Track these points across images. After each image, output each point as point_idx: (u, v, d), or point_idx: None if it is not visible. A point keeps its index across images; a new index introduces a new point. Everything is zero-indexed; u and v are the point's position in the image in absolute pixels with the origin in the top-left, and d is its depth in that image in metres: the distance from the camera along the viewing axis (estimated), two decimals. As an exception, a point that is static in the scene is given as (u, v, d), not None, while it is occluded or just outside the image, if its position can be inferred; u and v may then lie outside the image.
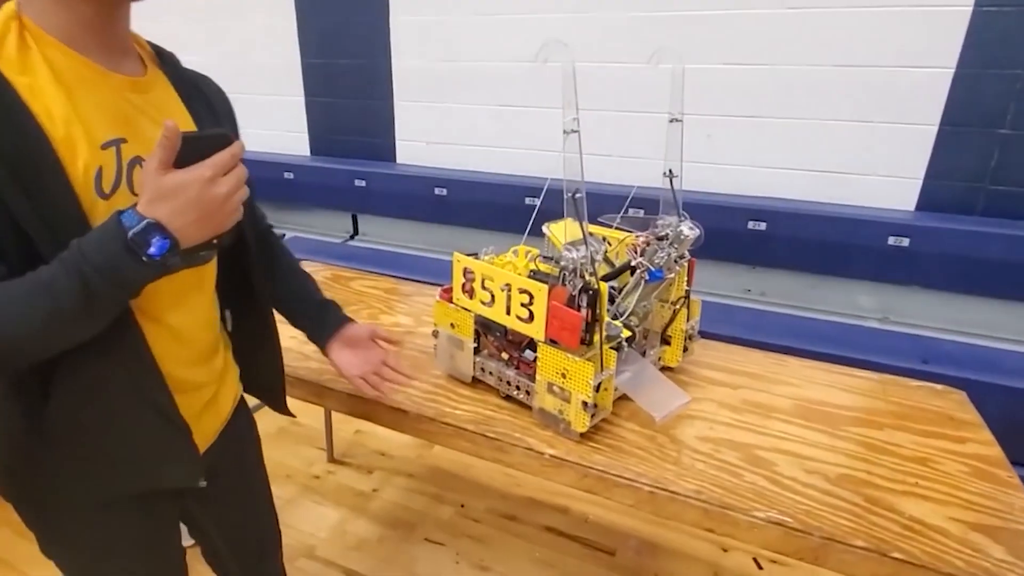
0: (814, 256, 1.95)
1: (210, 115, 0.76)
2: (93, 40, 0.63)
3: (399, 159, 2.72)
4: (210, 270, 0.77)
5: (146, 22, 0.73)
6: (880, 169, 2.01)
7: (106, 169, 0.61)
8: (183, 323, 0.72)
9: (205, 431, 0.80)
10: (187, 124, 0.72)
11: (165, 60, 0.74)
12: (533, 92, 2.39)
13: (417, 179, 2.51)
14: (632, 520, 1.74)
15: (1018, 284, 1.76)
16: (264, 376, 0.94)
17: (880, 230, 1.84)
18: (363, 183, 2.57)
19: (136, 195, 0.61)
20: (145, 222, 0.55)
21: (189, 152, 0.57)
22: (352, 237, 2.78)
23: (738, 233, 1.99)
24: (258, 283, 0.86)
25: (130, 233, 0.54)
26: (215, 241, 0.61)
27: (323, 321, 1.01)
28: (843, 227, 1.90)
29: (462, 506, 1.78)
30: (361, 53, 2.63)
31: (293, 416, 1.01)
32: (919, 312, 1.90)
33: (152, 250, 0.55)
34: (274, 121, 2.90)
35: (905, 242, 1.83)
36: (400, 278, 1.67)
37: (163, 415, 0.71)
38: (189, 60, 0.77)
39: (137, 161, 0.64)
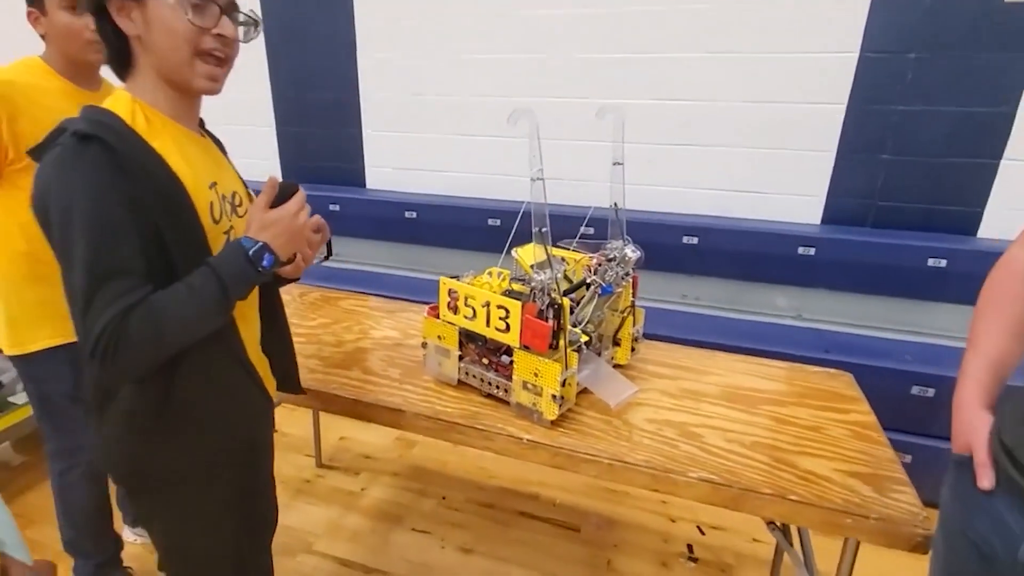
0: (738, 265, 2.26)
1: (224, 158, 1.02)
2: (185, 115, 0.88)
3: (369, 184, 2.89)
4: None
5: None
6: (790, 189, 2.35)
7: (215, 203, 0.86)
8: (251, 316, 1.00)
9: None
10: (234, 172, 1.00)
11: (202, 124, 0.98)
12: (491, 122, 2.63)
13: (388, 203, 2.69)
14: (593, 501, 1.98)
15: (903, 283, 2.11)
16: (282, 360, 1.14)
17: (791, 241, 2.16)
18: (336, 207, 2.73)
19: (230, 219, 0.89)
20: (259, 244, 0.80)
21: (278, 197, 0.84)
22: (327, 258, 2.92)
23: (675, 246, 2.28)
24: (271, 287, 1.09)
25: (250, 252, 0.79)
26: (294, 256, 0.87)
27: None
28: (761, 239, 2.21)
29: (443, 498, 1.98)
30: (330, 87, 2.81)
31: (304, 392, 1.21)
32: (826, 310, 2.23)
33: (265, 263, 0.81)
34: (247, 150, 3.02)
35: (812, 251, 2.15)
36: (377, 295, 1.86)
37: (254, 381, 0.96)
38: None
39: (225, 196, 0.90)
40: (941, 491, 0.86)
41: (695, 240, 2.27)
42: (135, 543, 1.75)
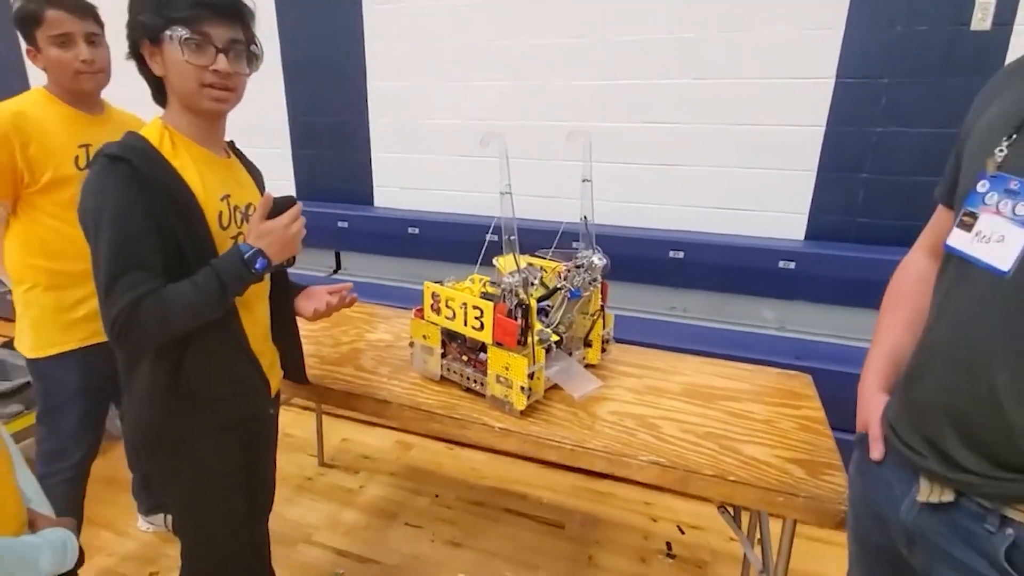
0: (722, 278, 2.36)
1: (255, 178, 1.20)
2: (207, 139, 1.06)
3: (376, 203, 3.07)
4: (267, 278, 1.16)
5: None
6: (775, 206, 2.45)
7: (223, 212, 1.03)
8: (257, 310, 1.15)
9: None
10: (253, 187, 1.17)
11: (232, 148, 1.16)
12: (480, 144, 2.79)
13: (393, 220, 2.86)
14: (579, 501, 2.08)
15: (881, 296, 2.19)
16: (290, 353, 1.29)
17: (772, 255, 2.27)
18: (345, 224, 2.91)
19: (239, 227, 1.06)
20: (254, 250, 0.97)
21: (275, 209, 1.01)
22: (335, 271, 3.11)
23: (661, 260, 2.40)
24: (282, 285, 1.25)
25: (245, 256, 0.96)
26: (287, 261, 1.04)
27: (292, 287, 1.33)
28: (744, 254, 2.32)
29: (436, 496, 2.09)
30: (341, 113, 3.01)
31: (309, 383, 1.35)
32: (807, 321, 2.31)
33: (258, 266, 0.98)
34: (265, 171, 3.23)
35: (792, 265, 2.25)
36: (380, 304, 2.01)
37: (253, 364, 1.12)
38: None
39: (237, 207, 1.07)
40: (848, 468, 0.96)
41: (680, 254, 2.39)
42: (147, 531, 1.89)
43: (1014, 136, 0.69)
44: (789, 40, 2.29)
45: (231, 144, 1.18)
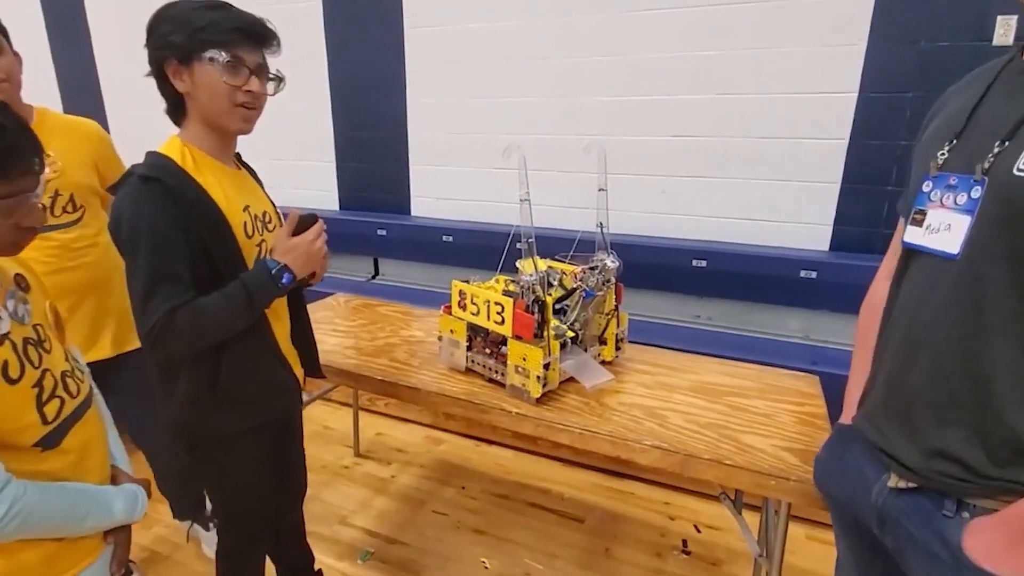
0: (746, 287, 2.42)
1: (260, 187, 1.28)
2: (223, 154, 1.16)
3: (413, 212, 3.26)
4: None
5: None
6: (799, 217, 2.50)
7: (247, 222, 1.14)
8: (283, 315, 1.26)
9: None
10: (264, 196, 1.26)
11: (239, 159, 1.26)
12: (502, 155, 2.94)
13: (428, 228, 3.03)
14: (599, 498, 2.16)
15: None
16: (307, 351, 1.39)
17: (794, 265, 2.32)
18: (383, 232, 3.10)
19: (261, 234, 1.15)
20: (280, 265, 1.07)
21: (299, 226, 1.11)
22: (374, 277, 3.30)
23: (685, 269, 2.48)
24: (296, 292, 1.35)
25: (272, 271, 1.06)
26: (310, 277, 1.14)
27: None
28: (767, 263, 2.37)
29: (463, 488, 2.21)
30: (383, 127, 3.22)
31: (324, 377, 1.46)
32: (831, 331, 2.34)
33: (284, 280, 1.08)
34: (309, 182, 3.48)
35: (814, 274, 2.30)
36: (413, 306, 2.16)
37: (283, 365, 1.22)
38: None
39: (256, 215, 1.16)
40: (818, 452, 1.04)
41: (704, 263, 2.46)
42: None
43: (954, 141, 0.78)
44: (811, 56, 2.36)
45: (237, 156, 1.24)
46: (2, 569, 0.84)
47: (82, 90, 4.15)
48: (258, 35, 1.06)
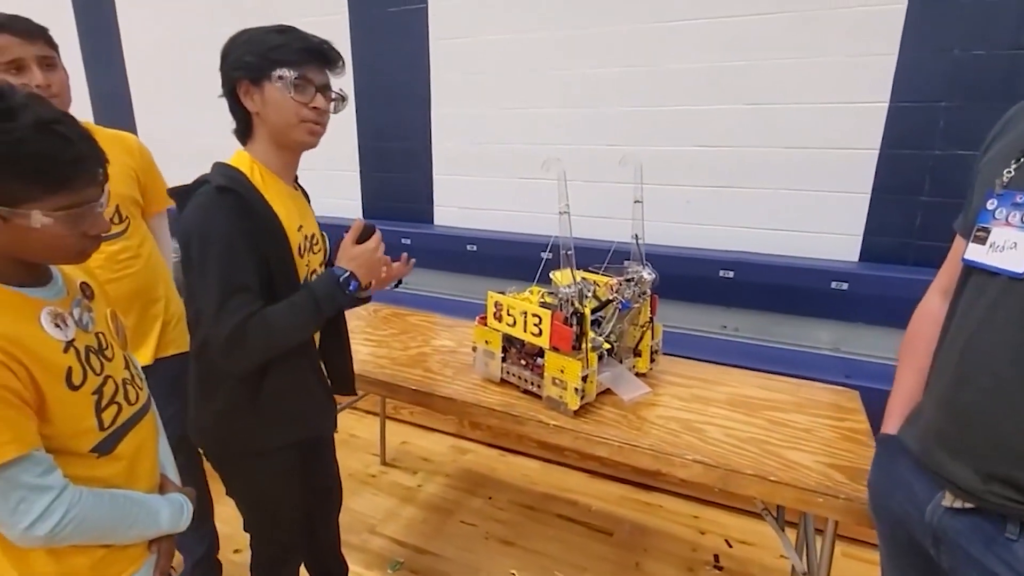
0: (773, 298, 2.40)
1: (308, 206, 1.29)
2: (286, 172, 1.19)
3: (436, 221, 3.28)
4: None
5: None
6: (827, 228, 2.48)
7: (301, 243, 1.15)
8: (317, 333, 1.26)
9: None
10: (314, 218, 1.27)
11: (296, 181, 1.28)
12: (541, 167, 2.94)
13: (452, 238, 3.04)
14: (626, 511, 2.14)
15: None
16: (343, 367, 1.36)
17: (824, 276, 2.29)
18: (407, 241, 3.11)
19: (308, 255, 1.17)
20: (347, 272, 1.10)
21: (361, 235, 1.14)
22: (397, 285, 3.30)
23: (711, 279, 2.46)
24: None
25: (340, 279, 1.09)
26: (371, 283, 1.16)
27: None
28: (795, 274, 2.35)
29: (489, 498, 2.20)
30: (406, 137, 3.25)
31: (357, 394, 1.46)
32: (863, 343, 2.31)
33: (351, 288, 1.10)
34: (337, 191, 3.51)
35: (845, 286, 2.27)
36: (442, 315, 2.16)
37: (325, 387, 1.24)
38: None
39: (307, 236, 1.18)
40: (869, 470, 1.02)
41: (731, 274, 2.44)
42: None
43: (1021, 159, 0.77)
44: (840, 66, 2.34)
45: (295, 178, 1.27)
46: (51, 573, 0.84)
47: (113, 104, 4.23)
48: (324, 56, 1.12)
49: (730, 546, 1.98)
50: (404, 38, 3.14)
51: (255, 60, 1.06)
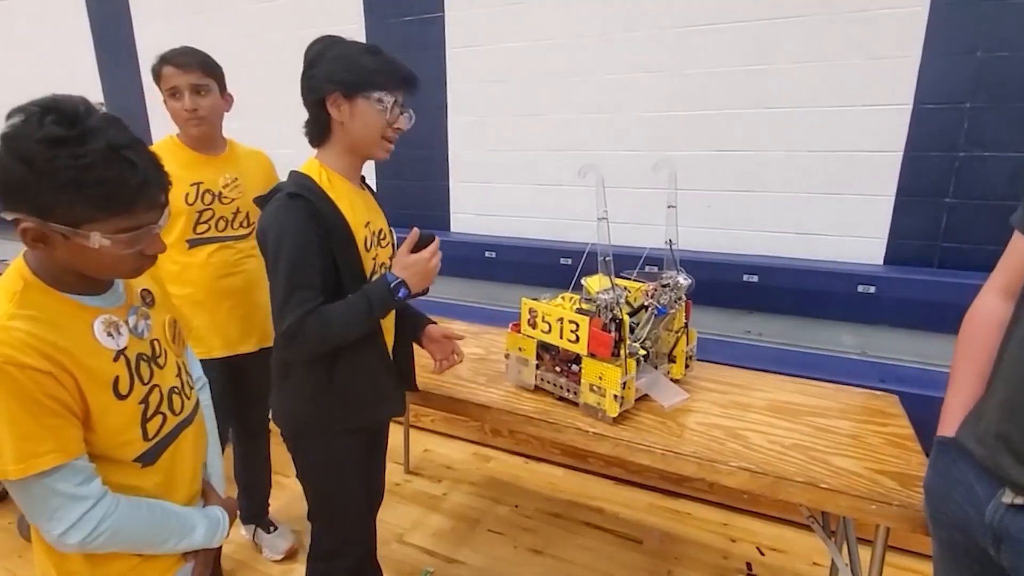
0: (798, 301, 2.38)
1: (376, 203, 1.34)
2: (353, 174, 1.24)
3: (452, 228, 3.27)
4: None
5: (266, 123, 1.27)
6: (851, 231, 2.46)
7: (367, 237, 1.20)
8: (390, 327, 1.33)
9: None
10: (382, 214, 1.33)
11: (363, 181, 1.32)
12: (559, 174, 2.94)
13: (470, 244, 3.04)
14: (654, 518, 2.12)
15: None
16: (407, 362, 1.43)
17: (850, 280, 2.27)
18: (426, 248, 3.11)
19: (377, 249, 1.22)
20: (399, 280, 1.14)
21: (419, 243, 1.17)
22: (423, 294, 3.30)
23: (735, 284, 2.44)
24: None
25: (391, 284, 1.13)
26: (425, 290, 1.20)
27: (418, 322, 1.51)
28: (820, 278, 2.33)
29: (516, 506, 2.18)
30: (424, 146, 3.25)
31: (418, 390, 1.49)
32: (889, 346, 2.29)
33: (400, 294, 1.14)
34: (350, 198, 3.52)
35: (872, 289, 2.25)
36: (465, 323, 2.15)
37: (394, 372, 1.29)
38: (285, 153, 1.34)
39: (375, 232, 1.23)
40: (925, 474, 1.00)
41: (755, 278, 2.43)
42: (245, 537, 2.04)
43: None
44: (863, 68, 2.34)
45: (362, 178, 1.36)
46: (86, 575, 0.85)
47: (129, 117, 4.23)
48: (413, 84, 1.21)
49: (762, 554, 1.96)
50: (420, 47, 3.15)
51: (352, 78, 1.14)
